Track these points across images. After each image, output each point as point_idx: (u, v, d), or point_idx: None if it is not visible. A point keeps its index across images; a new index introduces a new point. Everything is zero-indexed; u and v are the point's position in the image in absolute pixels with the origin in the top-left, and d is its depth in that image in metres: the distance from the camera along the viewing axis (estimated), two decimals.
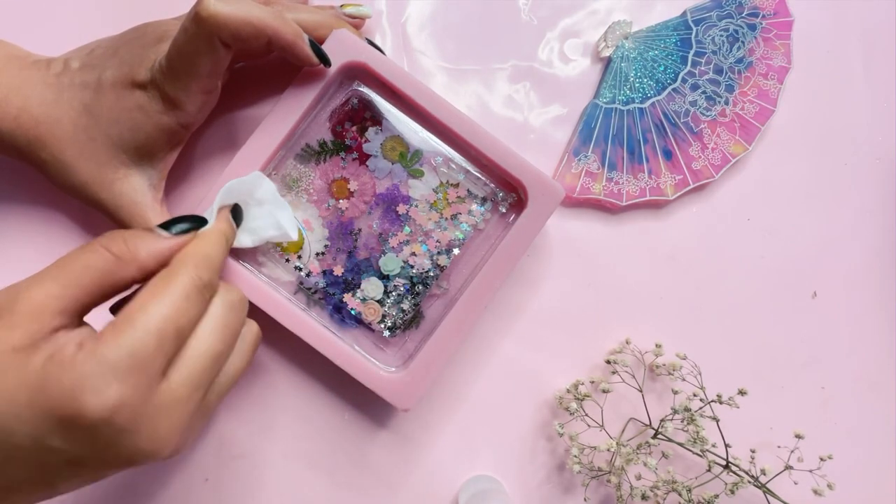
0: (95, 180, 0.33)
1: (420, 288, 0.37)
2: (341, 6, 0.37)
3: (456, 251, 0.37)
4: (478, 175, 0.36)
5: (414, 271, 0.37)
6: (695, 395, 0.38)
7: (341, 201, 0.36)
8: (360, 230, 0.37)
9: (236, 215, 0.32)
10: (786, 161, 0.41)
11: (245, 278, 0.35)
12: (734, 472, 0.37)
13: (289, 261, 0.36)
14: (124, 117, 0.32)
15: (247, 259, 0.36)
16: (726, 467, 0.37)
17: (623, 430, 0.38)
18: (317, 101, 0.35)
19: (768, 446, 0.39)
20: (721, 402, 0.37)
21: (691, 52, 0.39)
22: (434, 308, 0.37)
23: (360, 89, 0.36)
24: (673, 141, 0.39)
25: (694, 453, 0.37)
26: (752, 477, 0.36)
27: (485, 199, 0.37)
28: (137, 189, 0.34)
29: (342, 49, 0.34)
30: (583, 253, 0.40)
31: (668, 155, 0.39)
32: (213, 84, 0.32)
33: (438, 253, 0.37)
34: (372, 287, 0.37)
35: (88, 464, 0.25)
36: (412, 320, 0.37)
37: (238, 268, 0.35)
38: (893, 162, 0.41)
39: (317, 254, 0.37)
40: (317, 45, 0.33)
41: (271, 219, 0.33)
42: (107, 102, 0.32)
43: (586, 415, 0.38)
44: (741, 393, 0.37)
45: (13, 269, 0.38)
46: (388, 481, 0.39)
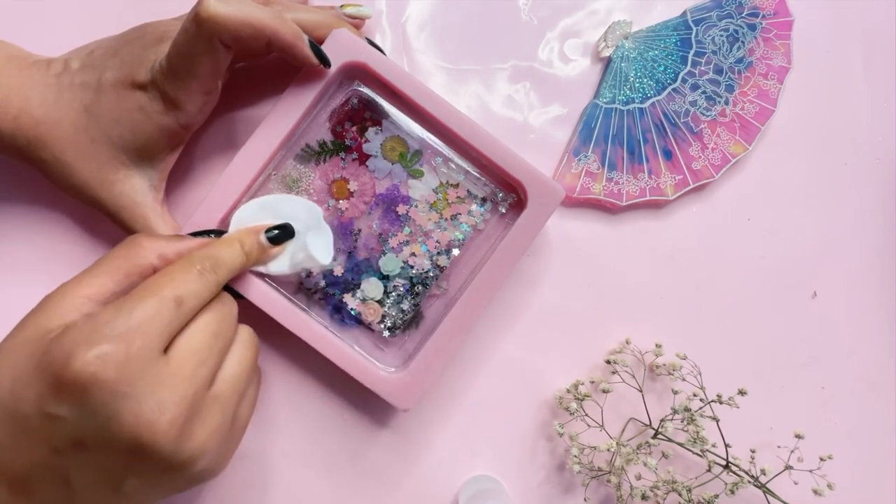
0: (96, 181, 0.33)
1: (420, 288, 0.37)
2: (341, 6, 0.37)
3: (456, 251, 0.37)
4: (478, 175, 0.36)
5: (414, 271, 0.37)
6: (695, 395, 0.38)
7: (341, 201, 0.36)
8: (360, 230, 0.37)
9: (281, 237, 0.34)
10: (786, 161, 0.41)
11: (245, 278, 0.35)
12: (734, 472, 0.37)
13: None
14: (125, 118, 0.32)
15: None
16: (726, 467, 0.37)
17: (623, 430, 0.38)
18: (317, 101, 0.35)
19: (768, 446, 0.39)
20: (721, 402, 0.37)
21: (691, 52, 0.39)
22: (434, 308, 0.37)
23: (360, 89, 0.36)
24: (673, 141, 0.39)
25: (694, 453, 0.37)
26: (752, 477, 0.36)
27: (485, 200, 0.37)
28: (138, 190, 0.34)
29: (342, 49, 0.34)
30: (583, 253, 0.40)
31: (668, 155, 0.39)
32: (213, 84, 0.32)
33: (438, 253, 0.37)
34: (372, 287, 0.37)
35: (90, 444, 0.25)
36: (412, 320, 0.37)
37: None
38: (893, 162, 0.41)
39: None
40: (316, 46, 0.33)
41: (314, 247, 0.35)
42: (107, 103, 0.32)
43: (586, 415, 0.38)
44: (741, 393, 0.37)
45: (13, 270, 0.39)
46: (388, 481, 0.39)
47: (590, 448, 0.37)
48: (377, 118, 0.36)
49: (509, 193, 0.37)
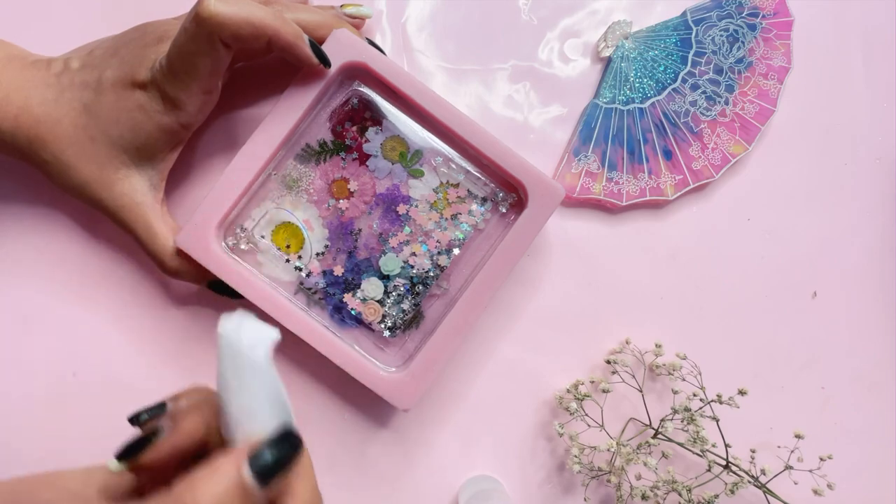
0: (96, 180, 0.33)
1: (420, 288, 0.37)
2: (341, 6, 0.37)
3: (456, 251, 0.37)
4: (478, 175, 0.36)
5: (414, 271, 0.37)
6: (695, 395, 0.38)
7: (341, 201, 0.36)
8: (360, 230, 0.37)
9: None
10: (786, 161, 0.41)
11: (245, 278, 0.35)
12: (734, 472, 0.37)
13: (289, 261, 0.36)
14: (125, 117, 0.32)
15: (247, 259, 0.36)
16: (726, 467, 0.37)
17: (623, 430, 0.38)
18: (317, 101, 0.35)
19: (768, 446, 0.39)
20: (721, 402, 0.37)
21: (691, 52, 0.39)
22: (434, 308, 0.37)
23: (361, 89, 0.36)
24: (673, 141, 0.39)
25: (694, 453, 0.37)
26: (752, 477, 0.36)
27: (485, 199, 0.37)
28: (138, 189, 0.34)
29: (342, 49, 0.34)
30: (583, 253, 0.40)
31: (668, 155, 0.39)
32: (213, 84, 0.32)
33: (438, 253, 0.37)
34: (372, 287, 0.37)
35: None
36: (412, 320, 0.37)
37: (238, 268, 0.35)
38: (893, 162, 0.41)
39: (317, 254, 0.37)
40: (317, 46, 0.33)
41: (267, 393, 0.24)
42: (107, 102, 0.32)
43: (586, 415, 0.38)
44: (741, 393, 0.37)
45: (13, 270, 0.39)
46: (389, 481, 0.39)
47: (590, 448, 0.37)
48: (377, 118, 0.36)
49: (509, 193, 0.37)
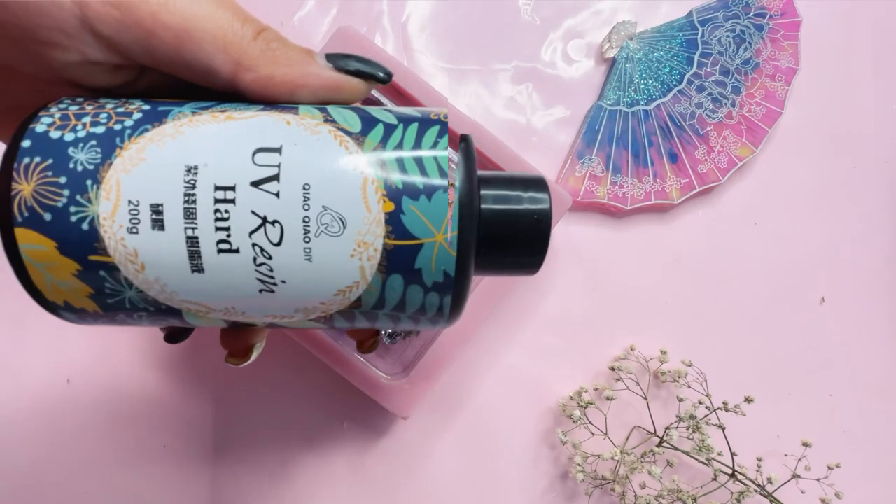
0: None
1: None
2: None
3: None
4: None
5: None
6: (700, 403, 0.37)
7: None
8: None
9: None
10: (793, 164, 0.40)
11: None
12: (740, 481, 0.36)
13: None
14: None
15: None
16: (732, 476, 0.36)
17: (627, 438, 0.38)
18: None
19: (775, 454, 0.39)
20: (727, 410, 0.37)
21: (697, 54, 0.39)
22: None
23: None
24: (678, 144, 0.39)
25: (699, 462, 0.36)
26: (759, 486, 0.36)
27: None
28: None
29: (345, 49, 0.33)
30: (586, 258, 0.39)
31: (674, 158, 0.39)
32: None
33: None
34: None
35: None
36: None
37: None
38: None
39: None
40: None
41: None
42: None
43: (590, 422, 0.37)
44: (747, 400, 0.36)
45: (6, 275, 0.38)
46: (388, 490, 0.39)
47: (593, 456, 0.37)
48: None
49: None
